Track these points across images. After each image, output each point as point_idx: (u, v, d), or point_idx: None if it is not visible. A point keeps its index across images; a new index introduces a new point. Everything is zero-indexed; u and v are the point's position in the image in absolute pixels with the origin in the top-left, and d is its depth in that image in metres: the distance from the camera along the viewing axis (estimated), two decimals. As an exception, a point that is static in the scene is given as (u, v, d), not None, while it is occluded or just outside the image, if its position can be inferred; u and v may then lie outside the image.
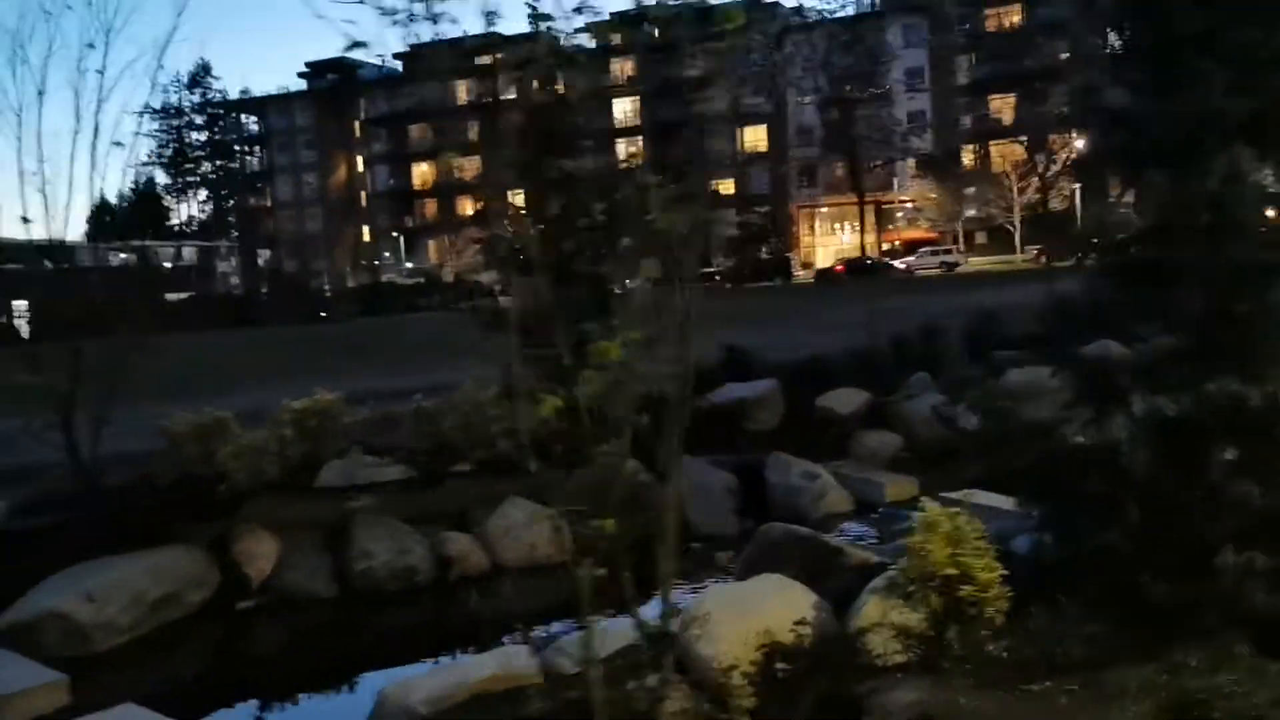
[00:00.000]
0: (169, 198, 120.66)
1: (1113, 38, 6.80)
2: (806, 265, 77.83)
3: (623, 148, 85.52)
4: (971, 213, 74.71)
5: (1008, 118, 77.57)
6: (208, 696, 7.21)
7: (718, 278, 64.04)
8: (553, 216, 15.56)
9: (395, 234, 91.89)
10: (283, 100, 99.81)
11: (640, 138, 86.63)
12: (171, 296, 74.57)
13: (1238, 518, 5.61)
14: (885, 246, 78.78)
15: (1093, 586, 6.14)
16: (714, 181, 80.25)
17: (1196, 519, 5.78)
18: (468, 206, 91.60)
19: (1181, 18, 6.10)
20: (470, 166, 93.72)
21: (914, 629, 6.10)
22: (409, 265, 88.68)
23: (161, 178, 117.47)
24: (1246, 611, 5.46)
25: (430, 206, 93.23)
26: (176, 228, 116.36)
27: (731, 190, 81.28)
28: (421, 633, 8.65)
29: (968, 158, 77.72)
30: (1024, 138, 73.63)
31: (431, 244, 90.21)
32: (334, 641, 8.49)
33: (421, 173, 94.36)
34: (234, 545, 9.13)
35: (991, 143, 77.15)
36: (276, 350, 32.84)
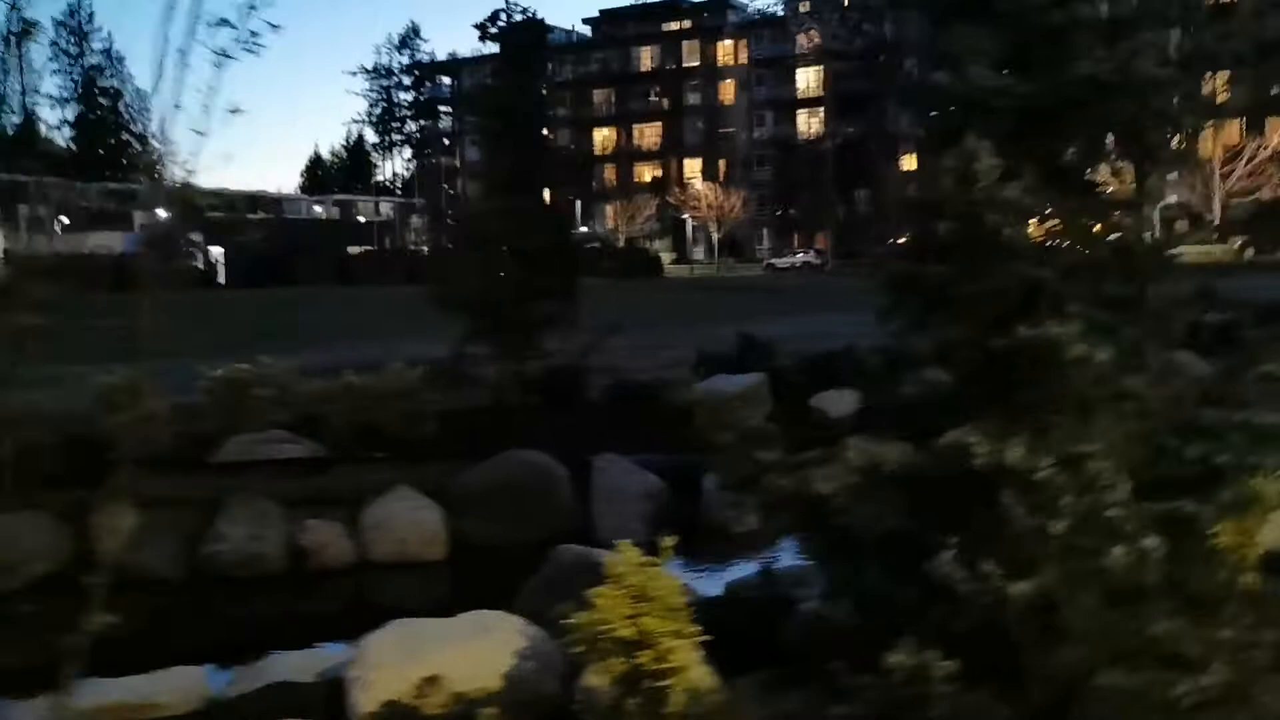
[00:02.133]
0: (376, 155, 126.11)
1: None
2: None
3: (803, 119, 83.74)
4: (1172, 198, 69.60)
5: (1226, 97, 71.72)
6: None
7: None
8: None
9: (573, 198, 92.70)
10: (476, 63, 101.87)
11: (823, 109, 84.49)
12: (353, 250, 77.49)
13: (939, 605, 4.49)
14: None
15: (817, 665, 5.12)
16: (899, 155, 77.40)
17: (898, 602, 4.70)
18: (645, 173, 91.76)
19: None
20: (651, 133, 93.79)
21: (604, 697, 5.22)
22: (584, 230, 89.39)
23: (370, 136, 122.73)
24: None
25: (610, 171, 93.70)
26: (383, 184, 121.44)
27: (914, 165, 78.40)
28: (196, 633, 8.20)
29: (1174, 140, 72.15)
30: (1242, 119, 67.99)
31: (609, 209, 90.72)
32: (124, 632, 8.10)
33: (603, 137, 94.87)
34: (90, 517, 8.89)
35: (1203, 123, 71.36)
36: (394, 309, 33.28)
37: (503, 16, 15.70)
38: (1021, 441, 4.49)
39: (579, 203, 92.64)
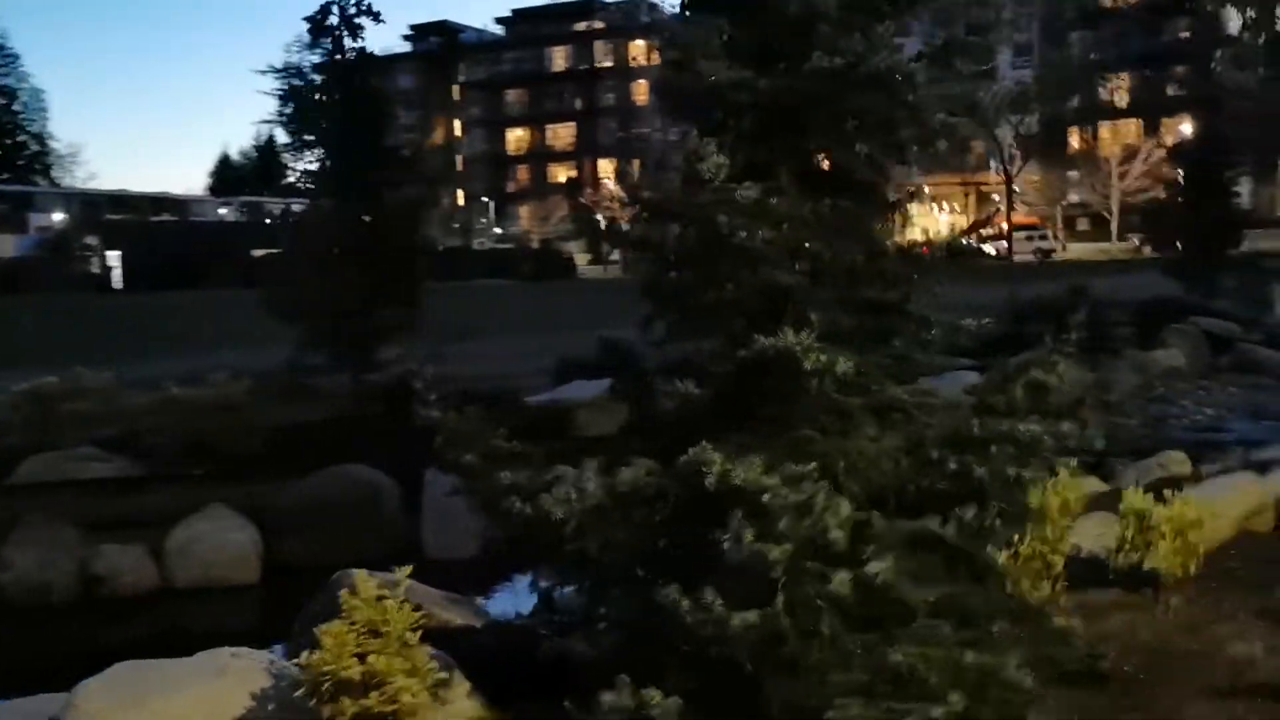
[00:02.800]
0: (288, 155, 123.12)
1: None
2: (895, 245, 74.93)
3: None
4: (1075, 198, 71.05)
5: (1123, 99, 73.50)
6: None
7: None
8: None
9: (486, 199, 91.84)
10: (387, 61, 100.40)
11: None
12: (258, 252, 75.72)
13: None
14: (989, 230, 75.14)
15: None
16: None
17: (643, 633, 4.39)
18: (559, 174, 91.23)
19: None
20: (565, 133, 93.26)
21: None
22: (498, 231, 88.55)
23: (282, 136, 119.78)
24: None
25: (522, 172, 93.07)
26: (298, 184, 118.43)
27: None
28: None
29: (1074, 139, 73.69)
30: (1137, 120, 69.73)
31: (522, 210, 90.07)
32: None
33: (516, 138, 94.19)
34: None
35: (1103, 124, 73.05)
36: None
37: (335, 11, 14.69)
38: (757, 460, 4.19)
39: (491, 204, 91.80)
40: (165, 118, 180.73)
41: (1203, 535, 6.65)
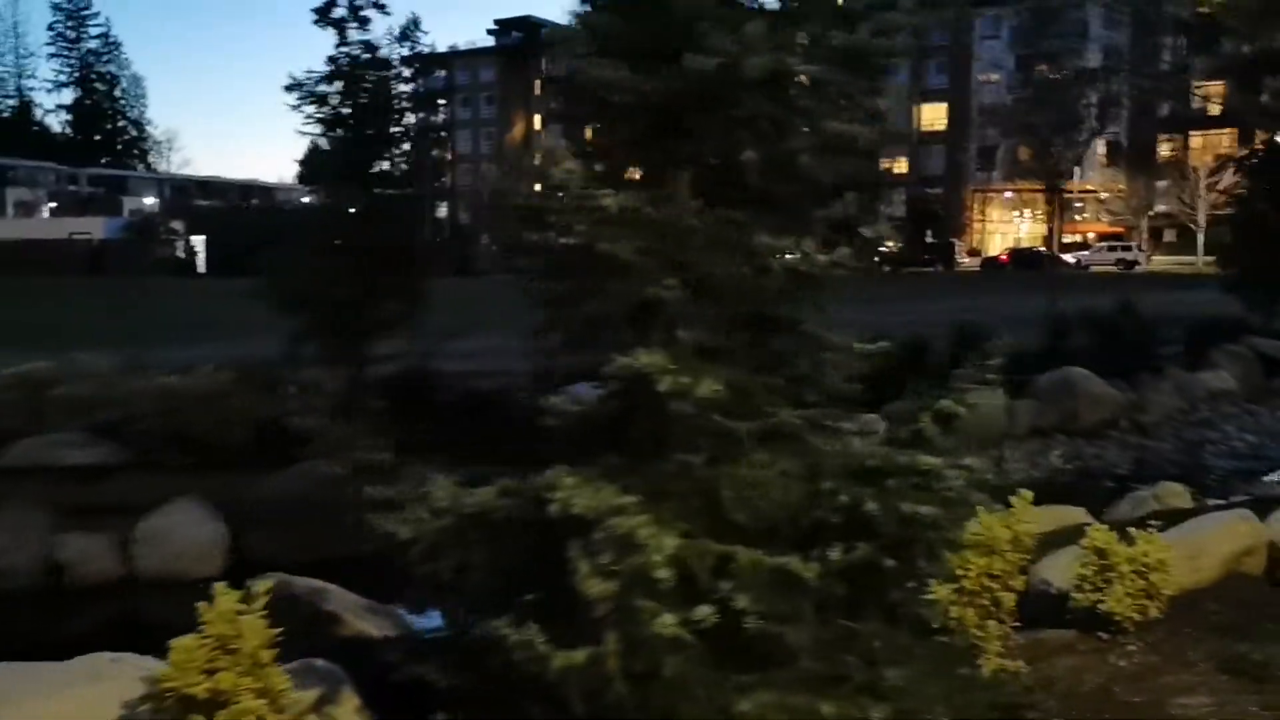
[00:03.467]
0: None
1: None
2: (973, 253, 73.60)
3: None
4: (1162, 208, 68.96)
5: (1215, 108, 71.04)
6: None
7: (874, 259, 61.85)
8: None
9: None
10: (469, 56, 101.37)
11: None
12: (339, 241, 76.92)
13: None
14: (1070, 239, 73.39)
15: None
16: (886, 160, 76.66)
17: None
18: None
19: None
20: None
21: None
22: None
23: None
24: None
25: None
26: (379, 175, 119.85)
27: (904, 169, 77.78)
28: None
29: (1165, 149, 71.61)
30: (1231, 129, 67.33)
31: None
32: None
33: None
34: None
35: (1194, 134, 70.80)
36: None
37: (342, 2, 14.46)
38: (605, 487, 3.92)
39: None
40: (261, 105, 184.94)
41: (1168, 577, 6.18)
